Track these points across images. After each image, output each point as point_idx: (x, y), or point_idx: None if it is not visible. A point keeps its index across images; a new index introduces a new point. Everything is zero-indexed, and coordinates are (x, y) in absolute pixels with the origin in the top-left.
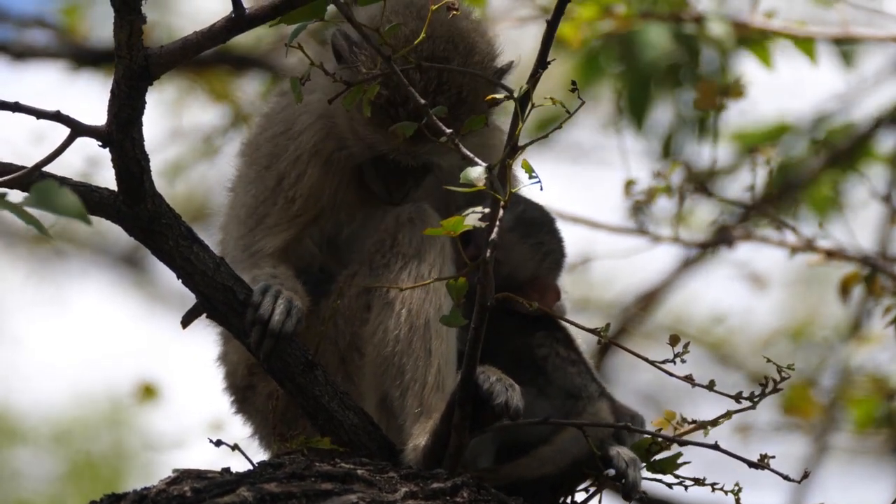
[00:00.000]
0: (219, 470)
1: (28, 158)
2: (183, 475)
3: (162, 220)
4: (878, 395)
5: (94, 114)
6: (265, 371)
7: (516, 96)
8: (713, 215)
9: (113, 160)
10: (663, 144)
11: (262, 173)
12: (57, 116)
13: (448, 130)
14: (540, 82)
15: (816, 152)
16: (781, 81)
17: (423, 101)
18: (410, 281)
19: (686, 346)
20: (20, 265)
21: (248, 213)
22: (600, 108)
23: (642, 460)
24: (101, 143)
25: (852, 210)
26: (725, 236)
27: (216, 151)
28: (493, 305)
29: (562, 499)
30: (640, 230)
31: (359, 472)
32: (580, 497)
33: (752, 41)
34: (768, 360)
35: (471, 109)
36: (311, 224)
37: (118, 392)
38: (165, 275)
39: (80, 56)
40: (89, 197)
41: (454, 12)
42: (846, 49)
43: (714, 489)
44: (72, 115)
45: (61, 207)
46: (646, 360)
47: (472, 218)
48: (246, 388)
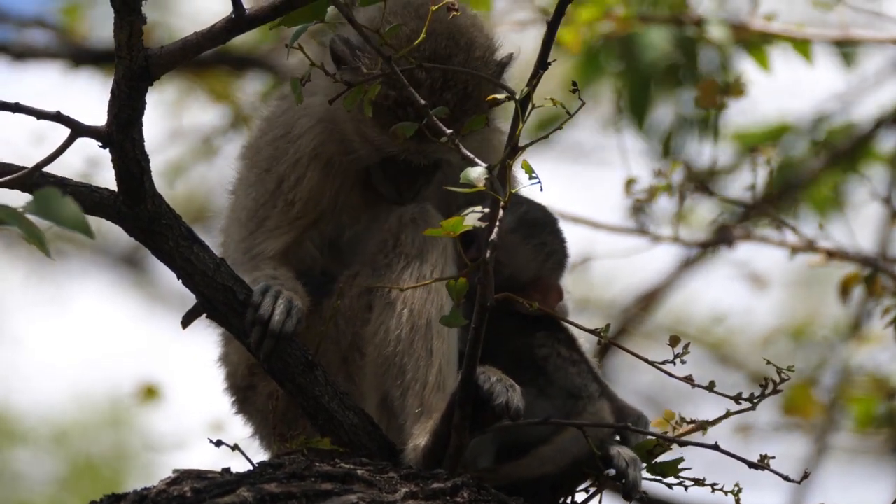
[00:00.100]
0: (219, 470)
1: (28, 159)
2: (183, 475)
3: (162, 220)
4: (879, 394)
5: (95, 114)
6: (265, 371)
7: (517, 97)
8: (713, 215)
9: (113, 160)
10: (664, 144)
11: (262, 176)
12: (57, 117)
13: (448, 131)
14: (541, 82)
15: (817, 153)
16: (782, 81)
17: (431, 98)
18: (412, 281)
19: (686, 347)
20: (20, 265)
21: (248, 216)
22: (601, 108)
23: (644, 461)
24: (101, 144)
25: (853, 210)
26: (725, 236)
27: (216, 152)
28: (493, 306)
29: (562, 499)
30: (641, 230)
31: (359, 472)
32: (580, 497)
33: (751, 44)
34: (768, 361)
35: (477, 104)
36: (311, 227)
37: (118, 393)
38: (165, 275)
39: (80, 56)
40: (89, 197)
41: (454, 13)
42: (846, 50)
43: (714, 489)
44: (72, 116)
45: (63, 218)
46: (646, 360)
47: (472, 218)
48: (246, 389)
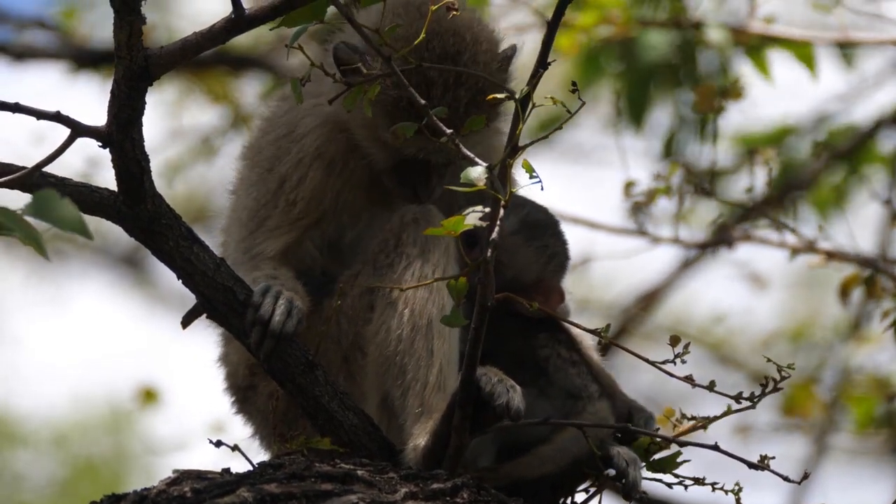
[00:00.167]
0: (219, 470)
1: (28, 159)
2: (183, 476)
3: (162, 220)
4: (878, 395)
5: (94, 114)
6: (265, 371)
7: (517, 97)
8: (714, 216)
9: (113, 161)
10: (664, 145)
11: (263, 176)
12: (57, 117)
13: (448, 131)
14: (542, 83)
15: (817, 155)
16: (785, 83)
17: (446, 96)
18: (414, 281)
19: (686, 347)
20: (20, 265)
21: (249, 216)
22: (601, 109)
23: (642, 460)
24: (101, 144)
25: (853, 211)
26: (725, 237)
27: (215, 152)
28: (493, 306)
29: (562, 499)
30: (640, 231)
31: (359, 472)
32: (580, 497)
33: (750, 47)
34: (768, 359)
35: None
36: (312, 227)
37: (118, 393)
38: (165, 275)
39: (79, 57)
40: (89, 197)
41: (454, 13)
42: (846, 51)
43: (714, 489)
44: (72, 116)
45: (62, 220)
46: (646, 360)
47: (473, 217)
48: (247, 389)
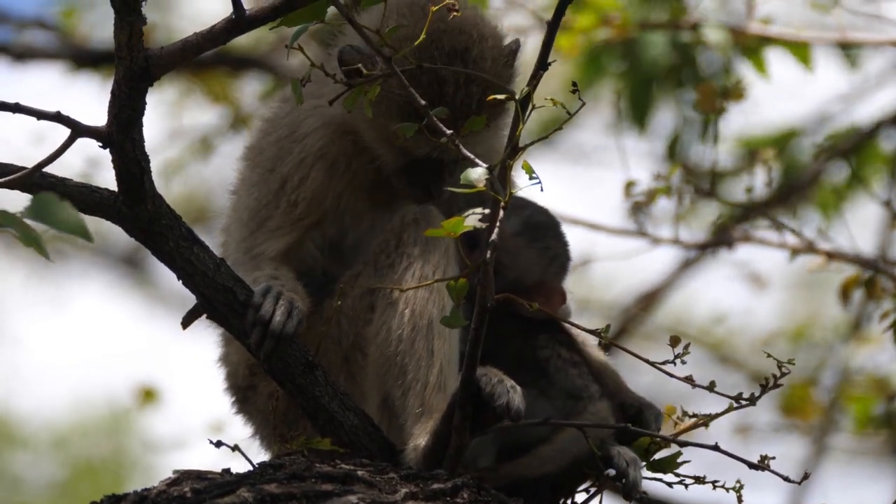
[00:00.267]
0: (219, 471)
1: (28, 159)
2: (183, 476)
3: (162, 220)
4: (878, 395)
5: (95, 115)
6: (266, 372)
7: (517, 98)
8: (715, 216)
9: (113, 161)
10: (668, 146)
11: (265, 176)
12: (57, 117)
13: (448, 132)
14: (543, 83)
15: (817, 157)
16: (786, 84)
17: (458, 93)
18: (414, 281)
19: (686, 347)
20: (20, 266)
21: (250, 216)
22: (603, 110)
23: (642, 459)
24: (101, 144)
25: (854, 212)
26: (725, 238)
27: (215, 152)
28: (493, 307)
29: (562, 499)
30: (640, 231)
31: (359, 472)
32: (580, 497)
33: (748, 48)
34: (768, 355)
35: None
36: (313, 228)
37: (118, 394)
38: (166, 276)
39: (80, 57)
40: (90, 198)
41: (455, 13)
42: (849, 52)
43: (715, 486)
44: (72, 116)
45: (62, 222)
46: (646, 361)
47: (473, 219)
48: (247, 389)
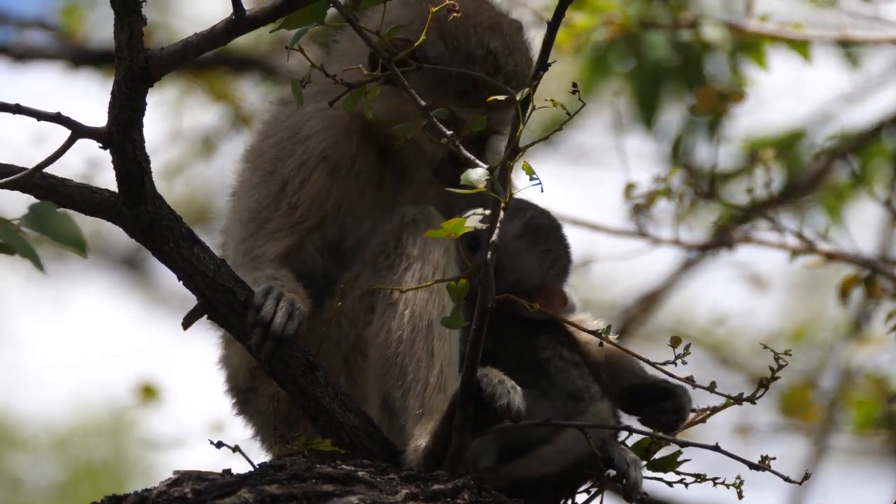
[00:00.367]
0: (220, 472)
1: (29, 160)
2: (184, 477)
3: (163, 221)
4: (879, 396)
5: (95, 115)
6: (266, 373)
7: (518, 98)
8: (715, 217)
9: (113, 162)
10: (672, 147)
11: (265, 178)
12: (57, 118)
13: (449, 132)
14: (547, 83)
15: (817, 157)
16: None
17: (508, 59)
18: (414, 282)
19: (687, 348)
20: (20, 267)
21: (250, 218)
22: (607, 110)
23: (642, 458)
24: (101, 145)
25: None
26: (725, 239)
27: (215, 152)
28: (493, 307)
29: (563, 500)
30: (641, 232)
31: (359, 473)
32: (581, 498)
33: (748, 44)
34: (765, 346)
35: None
36: (313, 230)
37: (118, 395)
38: (166, 276)
39: (80, 57)
40: (90, 199)
41: (455, 14)
42: (850, 51)
43: (715, 484)
44: (72, 117)
45: (59, 233)
46: (647, 361)
47: (473, 220)
48: (247, 391)
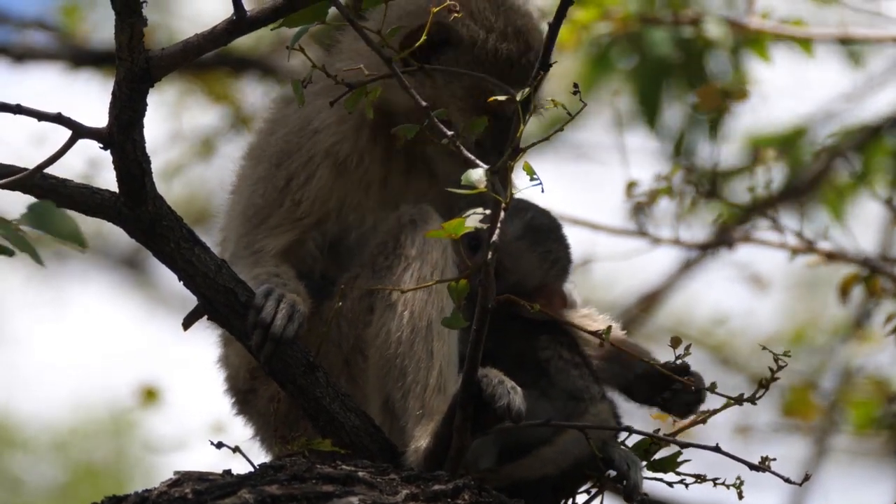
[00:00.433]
0: (220, 472)
1: (29, 160)
2: (184, 477)
3: (163, 222)
4: (879, 397)
5: (95, 116)
6: (266, 373)
7: (518, 98)
8: (717, 216)
9: (114, 162)
10: (676, 144)
11: (271, 171)
12: (58, 118)
13: (449, 133)
14: (550, 82)
15: (818, 156)
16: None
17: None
18: (413, 283)
19: (688, 348)
20: (21, 267)
21: (253, 212)
22: (608, 108)
23: (642, 459)
24: (102, 146)
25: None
26: (725, 238)
27: (215, 153)
28: (493, 308)
29: (563, 500)
30: (641, 232)
31: (360, 474)
32: (581, 498)
33: (751, 41)
34: (764, 347)
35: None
36: (314, 227)
37: (119, 395)
38: (166, 277)
39: (80, 58)
40: (90, 199)
41: (455, 14)
42: (853, 49)
43: (715, 484)
44: (73, 117)
45: (58, 229)
46: (647, 361)
47: (473, 220)
48: (247, 391)
